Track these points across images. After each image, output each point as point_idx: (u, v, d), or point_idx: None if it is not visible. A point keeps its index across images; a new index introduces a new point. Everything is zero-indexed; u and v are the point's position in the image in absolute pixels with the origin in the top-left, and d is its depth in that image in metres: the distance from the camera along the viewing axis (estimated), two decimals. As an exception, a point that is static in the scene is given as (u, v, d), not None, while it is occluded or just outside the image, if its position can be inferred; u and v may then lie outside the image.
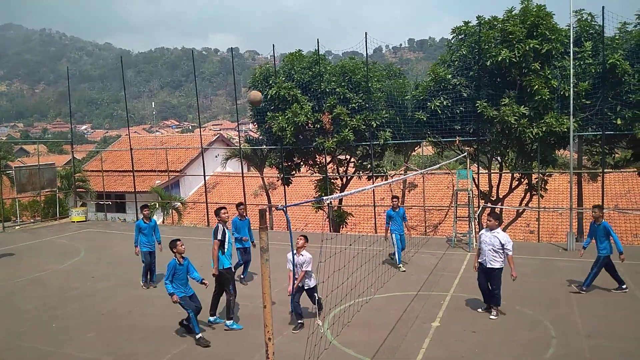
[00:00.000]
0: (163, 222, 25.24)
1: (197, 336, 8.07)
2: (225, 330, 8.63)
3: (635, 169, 16.53)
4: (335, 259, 8.14)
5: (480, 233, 9.34)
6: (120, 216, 27.44)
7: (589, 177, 18.76)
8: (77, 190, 24.08)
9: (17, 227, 21.32)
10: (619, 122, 14.68)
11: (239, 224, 11.21)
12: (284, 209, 4.13)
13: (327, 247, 8.92)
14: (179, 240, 8.64)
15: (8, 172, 24.53)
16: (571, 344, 7.62)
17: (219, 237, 8.85)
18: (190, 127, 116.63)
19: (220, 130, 73.68)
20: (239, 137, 21.89)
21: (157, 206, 24.02)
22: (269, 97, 18.58)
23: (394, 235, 12.12)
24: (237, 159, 22.70)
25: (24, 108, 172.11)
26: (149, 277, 11.51)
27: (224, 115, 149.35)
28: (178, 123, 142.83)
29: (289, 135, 17.97)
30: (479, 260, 9.13)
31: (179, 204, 24.68)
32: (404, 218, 12.28)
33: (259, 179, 23.97)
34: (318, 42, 18.84)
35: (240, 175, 21.21)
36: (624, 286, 10.01)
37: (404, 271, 11.87)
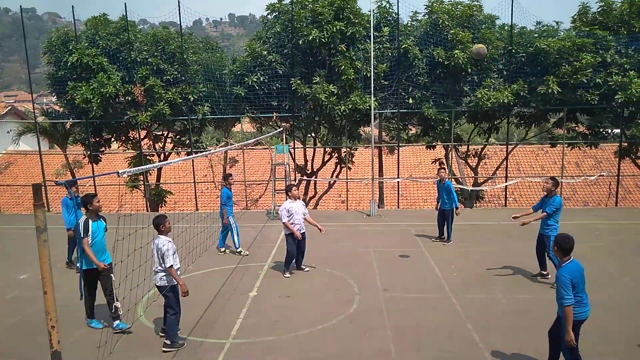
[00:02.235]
0: (-63, 210, 21.12)
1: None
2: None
3: (424, 143, 19.02)
4: (141, 236, 7.79)
5: None
6: None
7: (387, 150, 21.02)
8: None
9: None
10: (410, 101, 16.66)
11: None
12: (66, 184, 3.77)
13: (141, 226, 8.46)
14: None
15: None
16: (371, 299, 8.56)
17: (87, 232, 7.21)
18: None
19: (14, 102, 63.67)
20: (34, 110, 19.22)
21: None
22: (69, 64, 16.64)
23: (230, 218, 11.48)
24: (33, 135, 19.93)
25: None
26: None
27: (19, 84, 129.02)
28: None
29: (95, 107, 16.38)
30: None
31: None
32: None
33: (62, 157, 21.48)
34: (126, 6, 17.43)
35: (38, 152, 18.69)
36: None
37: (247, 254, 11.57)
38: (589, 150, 19.42)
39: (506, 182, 18.15)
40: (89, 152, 18.57)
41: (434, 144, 18.43)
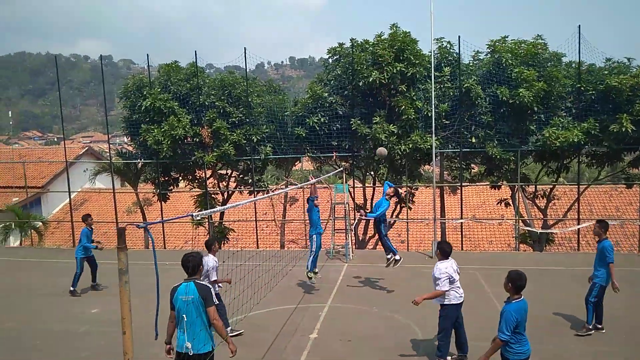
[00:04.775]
0: (20, 244, 22.68)
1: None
2: None
3: (488, 183, 18.48)
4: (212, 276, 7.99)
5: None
6: (-34, 239, 24.08)
7: (450, 190, 20.58)
8: None
9: None
10: (473, 140, 16.35)
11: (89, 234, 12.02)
12: (146, 227, 3.95)
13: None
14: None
15: None
16: (435, 346, 8.22)
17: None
18: (55, 139, 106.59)
19: (90, 142, 68.47)
20: (109, 150, 20.52)
21: (12, 226, 21.52)
22: (143, 108, 17.73)
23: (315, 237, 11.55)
24: (107, 174, 21.21)
25: None
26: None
27: (95, 126, 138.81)
28: (41, 134, 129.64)
29: (165, 148, 17.27)
30: None
31: (39, 223, 22.37)
32: None
33: (133, 195, 22.64)
34: (196, 54, 18.49)
35: (112, 191, 19.83)
36: None
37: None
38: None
39: (578, 224, 17.17)
40: (158, 191, 19.47)
41: (499, 183, 17.87)
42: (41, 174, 28.68)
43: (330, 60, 18.29)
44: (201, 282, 5.64)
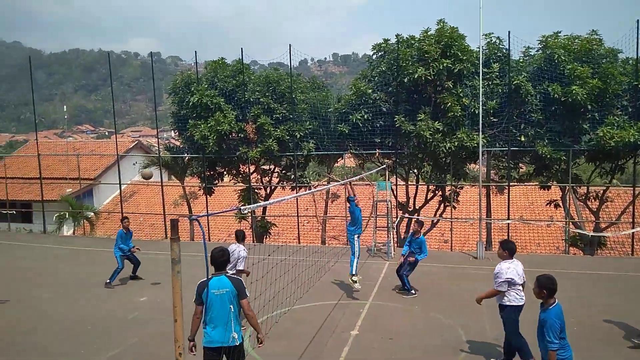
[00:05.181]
0: (74, 233, 23.73)
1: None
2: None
3: (537, 183, 17.89)
4: (256, 269, 8.11)
5: None
6: (25, 226, 25.43)
7: (496, 189, 20.06)
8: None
9: None
10: (522, 139, 15.87)
11: (124, 236, 12.32)
12: (197, 219, 4.05)
13: (250, 257, 8.82)
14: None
15: None
16: (480, 347, 8.06)
17: None
18: (106, 133, 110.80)
19: (139, 137, 70.70)
20: (158, 144, 21.15)
21: (66, 216, 22.54)
22: (190, 104, 18.16)
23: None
24: (156, 167, 21.89)
25: None
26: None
27: (144, 121, 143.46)
28: (93, 128, 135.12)
29: (211, 143, 17.65)
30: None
31: (91, 214, 23.33)
32: None
33: (180, 188, 23.26)
34: (242, 51, 18.78)
35: (160, 184, 20.46)
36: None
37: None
38: None
39: (633, 227, 16.37)
40: (204, 185, 19.93)
41: (548, 184, 17.28)
42: (93, 167, 29.91)
43: (374, 56, 18.17)
44: (233, 276, 5.74)
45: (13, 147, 76.05)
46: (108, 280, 11.92)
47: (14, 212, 25.23)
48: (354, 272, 10.92)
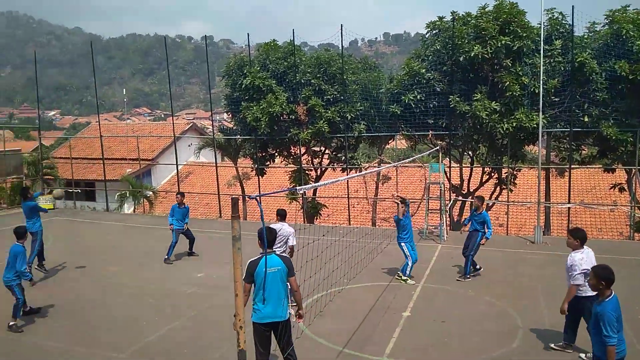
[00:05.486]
0: (134, 211, 24.84)
1: None
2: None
3: (601, 166, 17.04)
4: (309, 250, 8.22)
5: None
6: (89, 204, 26.87)
7: (556, 172, 19.27)
8: (45, 177, 23.44)
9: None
10: (586, 119, 15.11)
11: (177, 211, 12.74)
12: (257, 198, 4.14)
13: (301, 237, 8.94)
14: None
15: (-29, 158, 23.62)
16: (536, 334, 7.85)
17: None
18: (162, 116, 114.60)
19: (193, 119, 72.65)
20: (212, 127, 21.66)
21: (127, 195, 23.61)
22: (243, 86, 18.42)
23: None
24: (210, 149, 22.45)
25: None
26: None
27: (198, 104, 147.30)
28: (150, 111, 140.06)
29: (263, 125, 17.87)
30: None
31: (150, 193, 24.31)
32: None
33: (233, 169, 23.78)
34: (293, 32, 18.78)
35: (214, 165, 21.01)
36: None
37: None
38: None
39: None
40: (256, 166, 20.29)
41: (613, 167, 16.40)
42: (151, 148, 31.05)
43: (428, 35, 17.71)
44: (282, 254, 5.93)
45: (76, 129, 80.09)
46: (166, 256, 12.42)
47: (79, 190, 26.66)
48: (407, 274, 10.60)
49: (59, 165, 25.95)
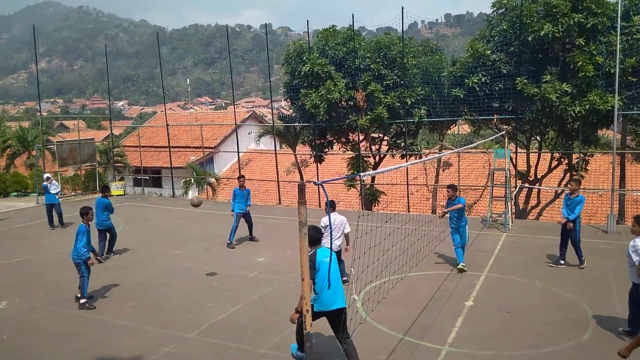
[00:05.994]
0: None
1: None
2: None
3: (683, 150, 15.80)
4: (370, 237, 8.15)
5: None
6: (157, 191, 28.13)
7: (632, 157, 18.05)
8: (116, 165, 24.72)
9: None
10: (667, 100, 14.02)
11: (239, 194, 12.93)
12: (322, 184, 4.15)
13: (361, 224, 8.91)
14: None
15: (49, 146, 25.31)
16: (608, 327, 7.45)
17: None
18: (223, 104, 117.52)
19: (253, 107, 74.02)
20: (272, 114, 21.94)
21: (192, 181, 24.49)
22: (302, 73, 18.48)
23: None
24: (270, 136, 22.81)
25: (63, 84, 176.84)
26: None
27: (257, 92, 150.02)
28: (212, 100, 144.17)
29: (322, 112, 17.88)
30: None
31: (213, 179, 25.08)
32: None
33: (292, 156, 24.05)
34: (353, 17, 18.57)
35: (273, 152, 21.34)
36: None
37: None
38: None
39: None
40: (314, 153, 20.40)
41: (698, 152, 15.15)
42: (213, 136, 31.97)
43: (494, 14, 16.96)
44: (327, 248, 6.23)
45: (143, 118, 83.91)
46: (229, 241, 12.80)
47: (147, 177, 27.95)
48: (461, 260, 10.41)
49: (128, 153, 27.31)
